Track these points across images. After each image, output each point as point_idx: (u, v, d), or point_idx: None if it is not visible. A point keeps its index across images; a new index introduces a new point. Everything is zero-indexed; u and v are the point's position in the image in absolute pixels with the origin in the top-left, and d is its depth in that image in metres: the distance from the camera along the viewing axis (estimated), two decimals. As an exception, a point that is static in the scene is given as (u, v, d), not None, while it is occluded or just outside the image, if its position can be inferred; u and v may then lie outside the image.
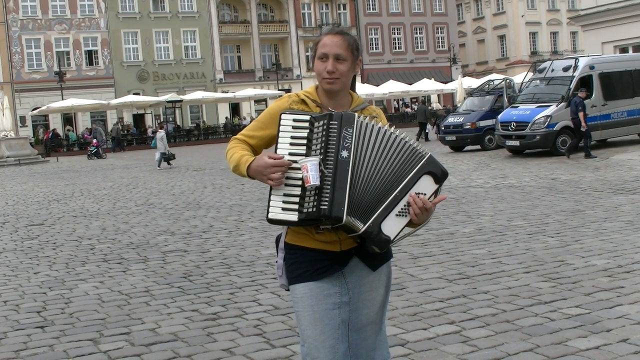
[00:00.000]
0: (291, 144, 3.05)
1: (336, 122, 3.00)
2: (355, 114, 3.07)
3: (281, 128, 3.08)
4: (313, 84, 3.33)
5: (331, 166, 2.97)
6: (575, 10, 61.28)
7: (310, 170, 2.92)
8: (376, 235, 3.01)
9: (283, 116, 3.09)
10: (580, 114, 20.26)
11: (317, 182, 2.92)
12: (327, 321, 3.15)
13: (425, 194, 3.05)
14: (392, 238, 3.04)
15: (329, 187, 2.95)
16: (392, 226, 3.03)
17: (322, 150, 2.99)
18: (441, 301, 6.48)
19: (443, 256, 8.46)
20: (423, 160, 3.06)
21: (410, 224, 3.08)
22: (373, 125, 3.06)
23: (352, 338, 3.24)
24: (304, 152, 3.01)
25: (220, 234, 11.07)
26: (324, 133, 3.00)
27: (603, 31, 29.64)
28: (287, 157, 3.02)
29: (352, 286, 3.22)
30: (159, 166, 28.16)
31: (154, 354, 5.50)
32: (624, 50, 29.02)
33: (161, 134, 29.26)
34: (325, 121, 3.02)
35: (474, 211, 11.96)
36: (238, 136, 3.34)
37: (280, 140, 3.08)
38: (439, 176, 3.09)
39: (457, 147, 27.41)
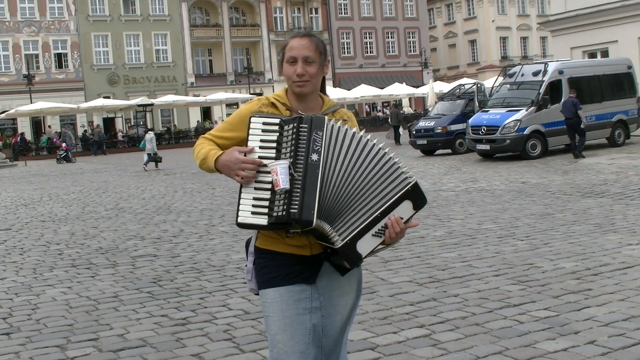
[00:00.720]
0: (261, 147, 3.02)
1: (306, 125, 2.98)
2: (326, 117, 3.06)
3: (251, 131, 3.06)
4: (283, 87, 3.31)
5: (301, 169, 2.95)
6: (544, 15, 61.76)
7: (280, 173, 2.90)
8: (350, 252, 3.01)
9: (252, 119, 3.07)
10: (580, 112, 20.56)
11: (287, 186, 2.91)
12: (297, 326, 3.13)
13: (402, 218, 3.05)
14: (364, 256, 3.04)
15: (299, 190, 2.93)
16: (366, 245, 3.03)
17: (292, 154, 2.97)
18: (411, 305, 6.49)
19: (413, 260, 8.48)
20: (409, 187, 3.05)
21: (382, 243, 3.08)
22: (346, 129, 3.04)
23: (325, 343, 3.22)
24: (274, 155, 2.99)
25: (190, 239, 11.01)
26: (294, 136, 2.98)
27: (572, 36, 29.91)
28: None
29: (323, 291, 3.20)
30: (145, 167, 28.73)
31: (122, 359, 5.45)
32: (592, 55, 29.29)
33: (150, 135, 30.21)
34: (295, 124, 3.00)
35: (444, 215, 12.00)
36: (206, 135, 3.30)
37: (250, 143, 3.05)
38: (420, 204, 3.10)
39: (428, 151, 27.50)
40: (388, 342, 5.46)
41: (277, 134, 3.01)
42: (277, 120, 3.04)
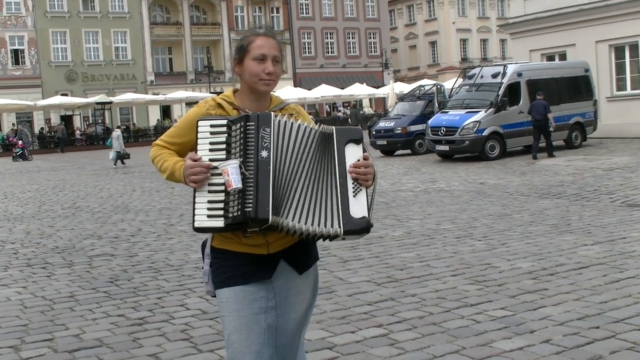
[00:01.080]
0: (210, 149, 3.02)
1: (253, 123, 2.98)
2: (272, 113, 3.05)
3: (199, 135, 3.06)
4: (232, 88, 3.31)
5: (252, 167, 2.94)
6: (504, 18, 62.34)
7: (231, 173, 2.89)
8: (355, 225, 3.00)
9: (200, 123, 3.08)
10: (550, 115, 20.80)
11: (240, 185, 2.90)
12: (253, 326, 3.13)
13: (358, 159, 3.04)
14: (367, 215, 3.02)
15: (252, 188, 2.92)
16: (358, 207, 3.01)
17: (242, 153, 2.96)
18: (369, 304, 6.51)
19: (372, 260, 8.51)
20: (334, 136, 3.05)
21: (367, 193, 3.07)
22: (292, 122, 3.04)
23: (280, 342, 3.22)
24: (224, 156, 2.99)
25: (148, 238, 10.93)
26: (242, 135, 2.98)
27: (531, 39, 30.22)
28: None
29: (279, 290, 3.20)
30: (114, 165, 29.05)
31: (78, 360, 5.40)
32: (550, 58, 29.62)
33: (117, 133, 30.49)
34: (242, 123, 2.99)
35: (403, 215, 12.06)
36: (158, 142, 3.31)
37: (199, 147, 3.05)
38: (357, 137, 3.08)
39: (388, 152, 27.62)
40: (346, 341, 5.47)
41: (226, 134, 3.01)
42: (224, 122, 3.04)
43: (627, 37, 26.89)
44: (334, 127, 3.09)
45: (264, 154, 2.95)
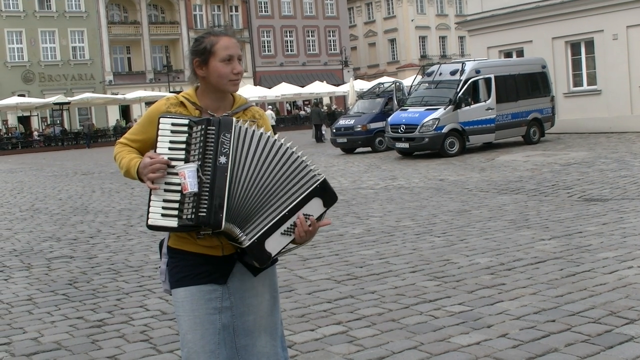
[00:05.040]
0: (170, 148, 3.02)
1: (214, 127, 2.98)
2: (234, 118, 3.05)
3: (160, 132, 3.05)
4: (193, 86, 3.30)
5: (209, 172, 2.95)
6: (462, 15, 62.82)
7: (188, 177, 2.90)
8: (258, 251, 3.00)
9: (161, 120, 3.06)
10: None
11: (195, 189, 2.91)
12: (208, 326, 3.14)
13: (312, 216, 3.06)
14: (273, 255, 3.04)
15: (207, 194, 2.93)
16: (275, 244, 3.02)
17: (200, 156, 2.97)
18: (329, 302, 6.54)
19: (332, 257, 8.54)
20: (317, 184, 3.06)
21: (293, 241, 3.08)
22: (254, 130, 3.04)
23: (241, 344, 3.21)
24: (183, 156, 2.99)
25: (108, 239, 10.85)
26: (202, 138, 2.98)
27: (488, 36, 30.49)
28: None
29: (234, 291, 3.20)
30: None
31: (36, 363, 5.35)
32: (508, 54, 29.92)
33: None
34: (203, 126, 2.99)
35: (363, 212, 12.11)
36: (122, 140, 3.31)
37: (159, 145, 3.05)
38: (329, 201, 3.10)
39: (348, 149, 27.67)
40: (305, 339, 5.49)
41: (186, 135, 3.01)
42: (186, 121, 3.03)
43: (582, 34, 27.27)
44: (324, 178, 3.08)
45: (223, 159, 2.95)
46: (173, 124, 3.04)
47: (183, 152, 2.99)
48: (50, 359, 5.42)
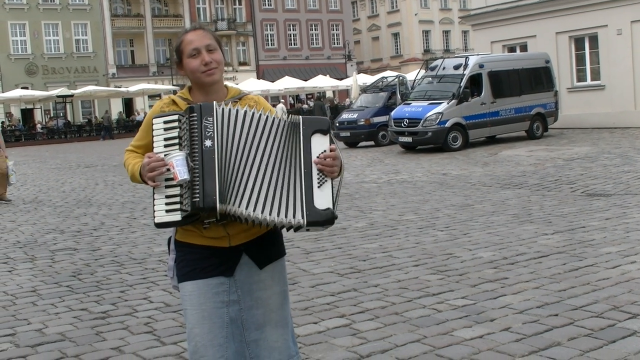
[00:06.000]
0: (165, 145, 3.06)
1: (196, 114, 3.00)
2: (215, 102, 3.05)
3: (154, 132, 3.10)
4: (187, 86, 3.33)
5: (197, 158, 2.96)
6: (466, 9, 62.80)
7: (177, 165, 2.93)
8: (318, 217, 2.99)
9: (154, 121, 3.12)
10: None
11: (186, 177, 2.93)
12: (215, 319, 3.14)
13: (325, 151, 3.04)
14: (331, 207, 3.02)
15: (198, 179, 2.94)
16: (323, 198, 3.01)
17: (187, 144, 2.99)
18: (332, 295, 6.55)
19: (335, 251, 8.55)
20: (300, 126, 3.05)
21: (332, 183, 3.07)
22: (237, 110, 3.03)
23: (251, 338, 3.21)
24: (179, 150, 3.02)
25: (111, 232, 10.87)
26: (187, 127, 3.01)
27: (492, 31, 30.45)
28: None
29: (241, 284, 3.21)
30: None
31: (40, 354, 5.36)
32: (511, 49, 29.88)
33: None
34: (187, 115, 3.02)
35: (366, 206, 12.12)
36: (129, 147, 3.37)
37: (155, 144, 3.09)
38: (324, 128, 3.08)
39: (352, 143, 27.68)
40: (309, 332, 5.51)
41: (178, 129, 3.05)
42: (175, 117, 3.07)
43: (586, 29, 27.23)
44: (301, 116, 3.09)
45: (208, 143, 2.96)
46: (165, 122, 3.08)
47: (177, 146, 3.02)
48: (55, 350, 5.44)
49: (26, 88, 55.32)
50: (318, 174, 3.02)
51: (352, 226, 10.22)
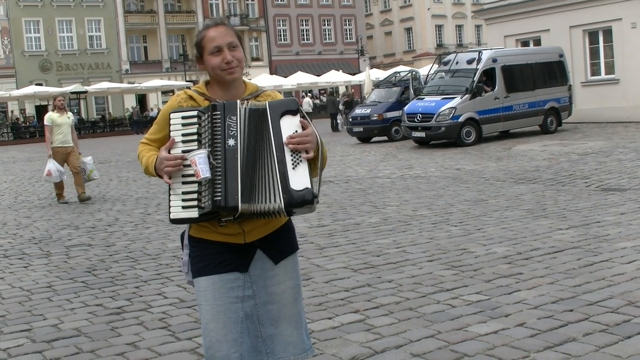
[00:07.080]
0: (183, 141, 3.05)
1: (219, 112, 3.00)
2: (238, 101, 3.06)
3: (171, 127, 3.09)
4: (203, 80, 3.32)
5: (220, 156, 2.97)
6: (479, 4, 62.41)
7: (199, 163, 2.93)
8: (294, 199, 2.95)
9: (172, 115, 3.11)
10: None
11: (208, 175, 2.93)
12: (230, 314, 3.15)
13: (296, 131, 3.01)
14: (309, 186, 2.96)
15: (221, 177, 2.95)
16: (299, 179, 2.96)
17: (210, 142, 2.99)
18: (346, 290, 6.55)
19: (349, 246, 8.55)
20: (267, 111, 3.03)
21: (312, 162, 3.03)
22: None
23: (267, 333, 3.22)
24: (197, 147, 3.02)
25: (125, 227, 10.91)
26: (209, 125, 3.01)
27: (505, 25, 30.34)
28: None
29: (256, 279, 3.22)
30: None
31: (56, 350, 5.39)
32: (525, 43, 29.76)
33: None
34: (210, 112, 3.02)
35: (380, 201, 12.11)
36: (143, 140, 3.36)
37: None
38: (292, 108, 3.06)
39: (365, 138, 27.66)
40: (323, 327, 5.51)
41: (197, 125, 3.04)
42: (194, 113, 3.06)
43: (600, 22, 27.07)
44: (267, 102, 3.08)
45: (231, 142, 2.98)
46: (183, 117, 3.07)
47: (195, 142, 3.02)
48: (70, 345, 5.47)
49: (40, 85, 55.58)
50: (292, 155, 2.98)
51: (366, 221, 10.22)
